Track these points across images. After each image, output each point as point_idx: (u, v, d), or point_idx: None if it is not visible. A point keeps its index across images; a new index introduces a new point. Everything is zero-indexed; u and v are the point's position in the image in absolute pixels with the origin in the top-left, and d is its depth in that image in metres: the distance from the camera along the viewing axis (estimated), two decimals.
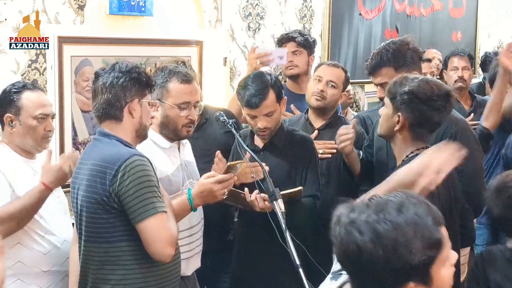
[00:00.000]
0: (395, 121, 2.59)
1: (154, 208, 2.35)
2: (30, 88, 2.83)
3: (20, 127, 2.78)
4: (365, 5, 5.61)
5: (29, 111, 2.78)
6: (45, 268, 2.78)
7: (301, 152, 3.16)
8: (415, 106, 2.55)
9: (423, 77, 2.69)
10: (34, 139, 2.80)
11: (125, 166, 2.34)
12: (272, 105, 3.07)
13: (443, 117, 2.61)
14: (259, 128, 3.09)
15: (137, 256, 2.41)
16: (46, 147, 2.87)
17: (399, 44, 3.08)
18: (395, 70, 3.02)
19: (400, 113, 2.57)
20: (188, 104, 2.82)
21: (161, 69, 2.86)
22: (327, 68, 3.62)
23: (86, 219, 2.44)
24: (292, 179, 3.11)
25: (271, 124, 3.09)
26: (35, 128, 2.79)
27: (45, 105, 2.84)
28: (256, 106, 3.04)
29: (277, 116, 3.12)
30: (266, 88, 3.05)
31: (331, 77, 3.54)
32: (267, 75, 3.14)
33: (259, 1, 4.63)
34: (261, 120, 3.07)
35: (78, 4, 3.51)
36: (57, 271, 2.82)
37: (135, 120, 2.50)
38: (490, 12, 7.17)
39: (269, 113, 3.07)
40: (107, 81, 2.46)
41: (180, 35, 4.08)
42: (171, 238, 2.40)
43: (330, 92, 3.51)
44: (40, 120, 2.80)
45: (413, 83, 2.58)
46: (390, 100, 2.63)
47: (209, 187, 2.67)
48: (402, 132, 2.60)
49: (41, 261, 2.76)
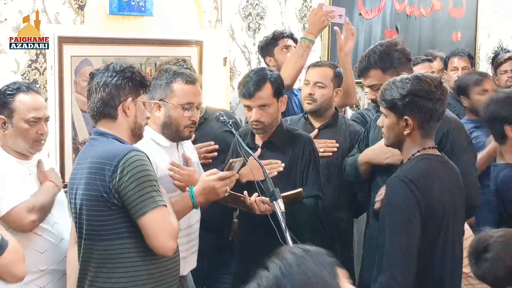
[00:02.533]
0: (402, 126, 2.58)
1: (155, 202, 2.37)
2: (24, 90, 2.80)
3: (13, 129, 2.78)
4: (365, 5, 5.61)
5: (22, 114, 2.76)
6: (43, 267, 2.77)
7: (301, 151, 3.17)
8: (420, 104, 2.54)
9: (411, 75, 2.68)
10: (26, 142, 2.79)
11: (124, 162, 2.35)
12: (267, 98, 3.09)
13: (444, 105, 2.61)
14: (252, 121, 3.11)
15: (139, 252, 2.43)
16: (39, 150, 2.87)
17: (386, 45, 3.10)
18: (383, 72, 3.03)
19: (407, 116, 2.56)
20: (192, 105, 2.84)
21: (165, 70, 2.88)
22: (313, 69, 3.65)
23: (87, 217, 2.44)
24: (292, 178, 3.11)
25: (264, 118, 3.10)
26: (27, 131, 2.78)
27: (38, 108, 2.81)
28: (249, 96, 3.07)
29: (273, 112, 3.13)
30: (264, 79, 3.10)
31: (317, 78, 3.56)
32: (268, 70, 3.20)
33: (259, 1, 4.63)
34: (254, 111, 3.08)
35: (78, 4, 3.51)
36: (55, 270, 2.82)
37: (130, 119, 2.52)
38: (490, 12, 7.16)
39: (263, 105, 3.08)
40: (101, 80, 2.49)
41: (180, 35, 4.08)
42: (173, 232, 2.41)
43: (318, 93, 3.53)
44: (33, 124, 2.78)
45: (407, 84, 2.56)
46: (389, 109, 2.60)
47: (211, 184, 2.68)
48: (412, 133, 2.59)
49: (39, 260, 2.75)
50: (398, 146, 2.68)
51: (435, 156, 2.63)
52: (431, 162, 2.59)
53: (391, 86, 2.60)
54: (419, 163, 2.58)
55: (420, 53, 5.53)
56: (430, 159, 2.60)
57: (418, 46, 6.13)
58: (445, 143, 2.89)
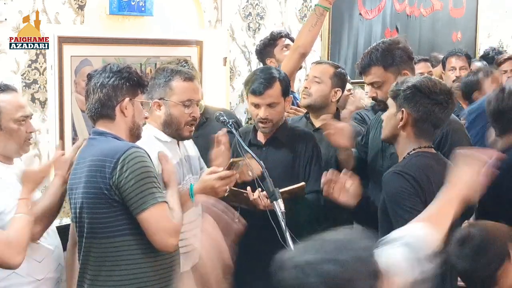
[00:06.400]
0: (399, 118, 2.61)
1: (154, 198, 2.38)
2: (3, 89, 2.68)
3: (1, 132, 2.64)
4: (365, 5, 5.61)
5: (10, 114, 2.64)
6: (40, 276, 2.69)
7: (304, 147, 3.20)
8: (418, 100, 2.57)
9: (425, 75, 2.73)
10: (17, 142, 2.68)
11: (124, 158, 2.36)
12: (277, 96, 3.12)
13: (446, 113, 2.62)
14: (260, 118, 3.12)
15: (140, 248, 2.43)
16: (27, 151, 2.79)
17: (389, 43, 3.10)
18: (385, 69, 3.03)
19: (404, 108, 2.59)
20: (191, 101, 2.84)
21: (163, 69, 2.88)
22: (314, 66, 3.69)
23: (88, 215, 2.45)
24: (295, 175, 3.13)
25: (272, 117, 3.13)
26: (17, 132, 2.66)
27: (24, 106, 2.72)
28: (260, 93, 3.09)
29: (280, 110, 3.16)
30: (274, 78, 3.13)
31: (315, 73, 3.58)
32: (275, 69, 3.24)
33: (259, 1, 4.63)
34: (263, 109, 3.09)
35: (78, 4, 3.51)
36: (51, 278, 2.76)
37: (128, 119, 2.53)
38: (490, 12, 7.16)
39: (272, 103, 3.11)
40: (98, 81, 2.50)
41: (180, 35, 4.08)
42: (173, 228, 2.42)
43: (314, 87, 3.53)
44: (22, 123, 2.68)
45: (415, 79, 2.62)
46: (393, 99, 2.65)
47: (211, 183, 2.68)
48: (406, 128, 2.62)
49: (36, 270, 2.67)
50: (392, 141, 2.70)
51: (431, 154, 2.65)
52: (426, 159, 2.61)
53: (404, 79, 2.66)
54: (414, 159, 2.60)
55: (420, 53, 5.54)
56: (426, 156, 2.62)
57: (418, 46, 6.13)
58: (444, 144, 2.89)
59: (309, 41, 3.84)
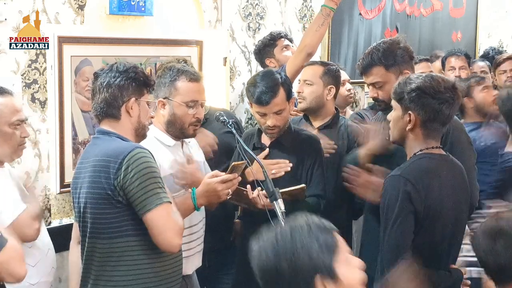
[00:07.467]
0: (406, 121, 2.60)
1: (159, 198, 2.38)
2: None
3: None
4: (365, 5, 5.61)
5: (6, 117, 2.63)
6: (34, 280, 2.67)
7: (308, 151, 3.19)
8: (425, 101, 2.56)
9: (426, 73, 2.72)
10: (11, 146, 2.66)
11: (128, 159, 2.36)
12: (282, 103, 3.11)
13: (453, 109, 2.61)
14: (268, 126, 3.12)
15: (143, 249, 2.44)
16: (21, 155, 2.78)
17: (390, 43, 3.10)
18: (386, 69, 3.03)
19: (411, 111, 2.57)
20: (196, 102, 2.85)
21: (169, 68, 2.88)
22: (304, 69, 3.70)
23: (91, 215, 2.45)
24: (298, 178, 3.13)
25: (280, 122, 3.12)
26: (12, 136, 2.65)
27: (20, 110, 2.71)
28: (266, 104, 3.07)
29: (286, 115, 3.16)
30: (277, 85, 3.10)
31: (305, 76, 3.61)
32: (276, 73, 3.18)
33: (259, 1, 4.63)
34: (270, 118, 3.09)
35: (78, 4, 3.51)
36: (45, 282, 2.75)
37: (133, 119, 2.53)
38: (490, 12, 7.17)
39: (278, 111, 3.10)
40: (105, 81, 2.50)
41: (180, 35, 4.08)
42: (178, 228, 2.43)
43: (306, 91, 3.55)
44: (17, 127, 2.66)
45: (418, 80, 2.60)
46: (398, 101, 2.63)
47: (213, 186, 2.68)
48: (414, 130, 2.61)
49: (30, 274, 2.55)
50: (402, 143, 2.68)
51: (439, 155, 2.63)
52: (431, 161, 2.59)
53: (406, 80, 2.63)
54: (417, 162, 2.59)
55: (420, 53, 5.53)
56: (431, 158, 2.60)
57: (418, 46, 6.13)
58: (445, 143, 2.89)
59: (316, 41, 3.90)
